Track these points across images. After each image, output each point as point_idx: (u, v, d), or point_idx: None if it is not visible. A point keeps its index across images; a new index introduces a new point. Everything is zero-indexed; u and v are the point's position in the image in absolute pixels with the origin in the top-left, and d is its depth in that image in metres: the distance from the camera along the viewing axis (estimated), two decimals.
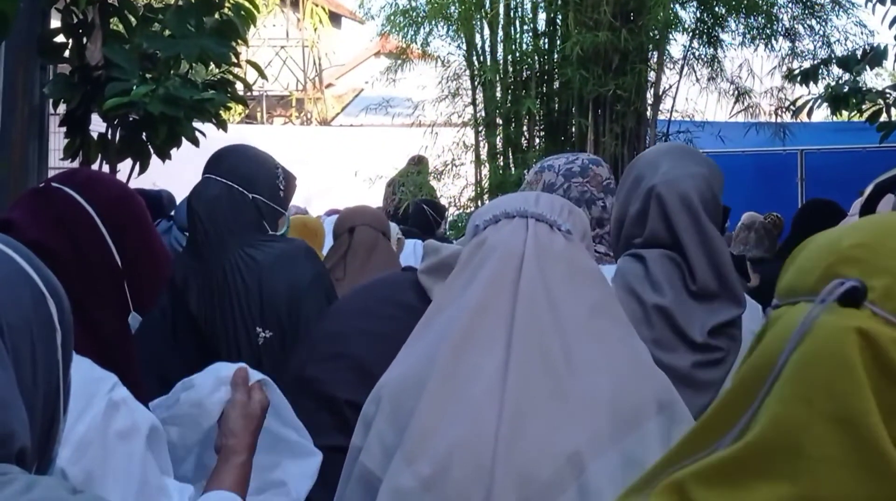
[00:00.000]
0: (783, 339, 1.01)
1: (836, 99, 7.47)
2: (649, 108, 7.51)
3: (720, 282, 2.54)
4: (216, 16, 4.84)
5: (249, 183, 3.10)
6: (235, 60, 4.97)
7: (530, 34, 7.61)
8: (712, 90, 7.83)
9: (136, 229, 1.91)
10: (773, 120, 8.10)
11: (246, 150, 3.25)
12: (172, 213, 5.36)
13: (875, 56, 7.33)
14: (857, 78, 7.50)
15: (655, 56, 7.53)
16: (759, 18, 7.65)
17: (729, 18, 7.72)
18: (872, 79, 9.30)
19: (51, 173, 4.20)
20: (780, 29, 7.75)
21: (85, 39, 4.66)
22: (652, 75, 7.51)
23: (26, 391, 1.07)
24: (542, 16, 7.60)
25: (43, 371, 1.10)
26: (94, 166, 4.64)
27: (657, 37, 7.35)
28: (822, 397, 0.95)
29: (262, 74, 5.45)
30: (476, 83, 7.65)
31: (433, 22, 7.60)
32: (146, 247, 1.93)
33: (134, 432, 1.70)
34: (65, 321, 1.15)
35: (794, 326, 1.01)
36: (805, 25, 7.75)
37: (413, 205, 7.41)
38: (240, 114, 15.35)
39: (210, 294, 3.02)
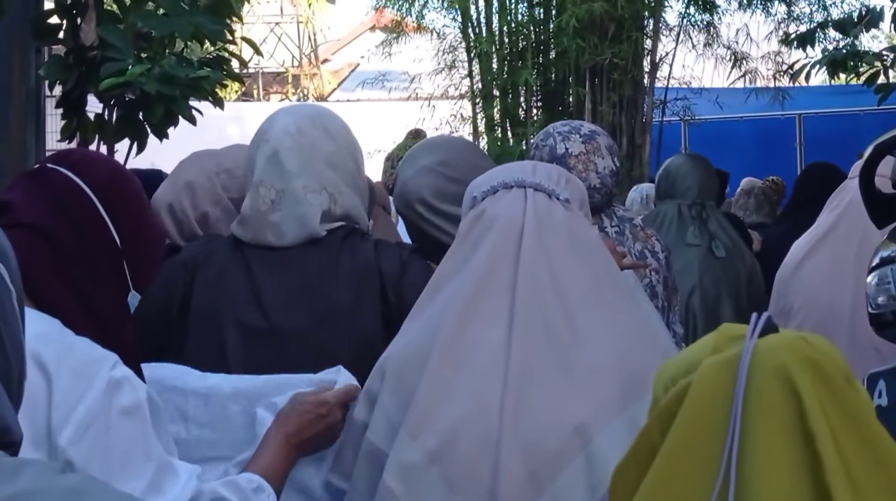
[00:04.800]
0: (722, 382, 1.10)
1: (833, 62, 7.44)
2: (646, 76, 7.48)
3: None
4: None
5: None
6: (230, 38, 4.95)
7: (525, 4, 7.57)
8: (709, 56, 7.82)
9: (132, 207, 1.90)
10: (770, 85, 8.08)
11: None
12: None
13: (871, 18, 7.30)
14: (854, 41, 7.47)
15: (651, 23, 7.50)
16: None
17: None
18: (869, 41, 9.25)
19: (48, 155, 4.18)
20: None
21: (79, 20, 4.63)
22: (648, 43, 7.48)
23: (4, 369, 1.00)
24: None
25: (14, 342, 1.02)
26: (92, 147, 4.63)
27: (653, 4, 7.32)
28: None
29: (257, 51, 5.44)
30: (472, 55, 7.61)
31: None
32: (143, 225, 1.92)
33: (138, 409, 1.69)
34: (15, 279, 1.06)
35: (719, 368, 1.10)
36: None
37: None
38: (236, 91, 15.30)
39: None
